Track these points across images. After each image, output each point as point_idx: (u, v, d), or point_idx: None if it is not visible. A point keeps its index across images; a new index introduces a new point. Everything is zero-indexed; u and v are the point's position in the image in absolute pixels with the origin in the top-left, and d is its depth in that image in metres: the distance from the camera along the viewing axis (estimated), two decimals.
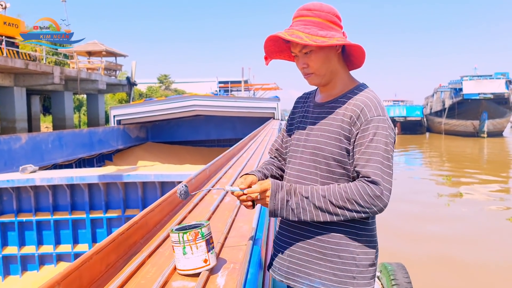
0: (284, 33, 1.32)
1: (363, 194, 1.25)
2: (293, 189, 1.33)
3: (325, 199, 1.28)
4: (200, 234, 1.23)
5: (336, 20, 1.38)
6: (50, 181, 5.73)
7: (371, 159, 1.28)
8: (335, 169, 1.35)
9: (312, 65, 1.38)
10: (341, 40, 1.31)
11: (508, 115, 36.35)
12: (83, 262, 1.15)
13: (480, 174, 15.21)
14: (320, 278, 1.36)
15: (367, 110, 1.32)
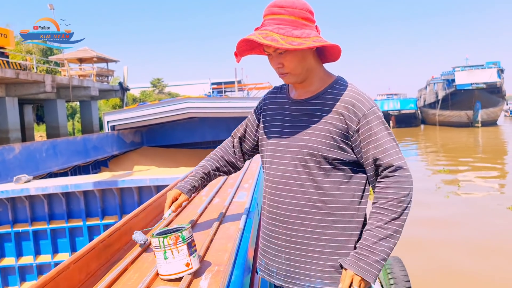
0: (259, 36, 1.26)
1: (402, 186, 1.29)
2: (366, 251, 1.28)
3: (388, 223, 1.28)
4: (180, 237, 1.20)
5: (309, 16, 1.33)
6: (45, 190, 5.70)
7: (386, 148, 1.31)
8: (325, 166, 1.33)
9: (288, 65, 1.34)
10: (317, 41, 1.28)
11: (501, 104, 36.56)
12: (59, 272, 1.12)
13: (477, 163, 15.28)
14: (320, 278, 1.34)
15: (361, 105, 1.32)
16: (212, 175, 1.70)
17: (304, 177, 1.35)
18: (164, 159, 12.01)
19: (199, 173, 1.67)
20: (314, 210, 1.34)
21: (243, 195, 2.33)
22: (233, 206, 2.10)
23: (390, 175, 1.29)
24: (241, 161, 1.72)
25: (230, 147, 1.70)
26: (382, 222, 1.27)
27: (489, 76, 34.44)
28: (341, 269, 1.33)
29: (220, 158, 1.70)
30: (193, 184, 1.64)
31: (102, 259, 1.40)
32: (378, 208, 1.29)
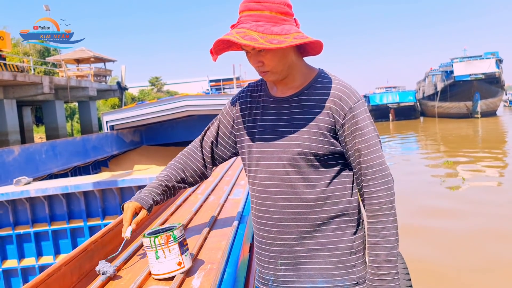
0: (237, 36, 1.18)
1: (389, 186, 1.30)
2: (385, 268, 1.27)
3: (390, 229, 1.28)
4: (172, 237, 1.21)
5: (288, 9, 1.25)
6: (45, 191, 5.71)
7: (370, 144, 1.29)
8: (316, 163, 1.30)
9: (268, 63, 1.27)
10: (299, 37, 1.21)
11: (500, 94, 36.47)
12: (49, 274, 1.12)
13: (479, 153, 15.28)
14: (322, 276, 1.31)
15: (347, 97, 1.28)
16: (176, 187, 1.56)
17: (294, 177, 1.30)
18: (163, 158, 12.01)
19: (161, 186, 1.52)
20: (308, 210, 1.30)
21: (239, 193, 2.34)
22: (228, 204, 2.11)
23: (377, 175, 1.28)
24: (210, 168, 1.59)
25: (198, 152, 1.57)
26: (385, 231, 1.27)
27: (487, 67, 34.34)
28: (341, 265, 1.31)
29: (185, 168, 1.56)
30: (155, 198, 1.50)
31: (94, 260, 1.40)
32: (376, 216, 1.28)
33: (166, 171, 1.57)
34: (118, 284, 1.26)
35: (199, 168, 1.56)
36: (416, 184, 10.14)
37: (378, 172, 1.27)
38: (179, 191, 1.60)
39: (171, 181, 1.54)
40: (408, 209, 7.80)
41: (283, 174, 1.31)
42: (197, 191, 2.46)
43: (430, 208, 7.80)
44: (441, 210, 7.72)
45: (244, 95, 1.47)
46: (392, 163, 14.82)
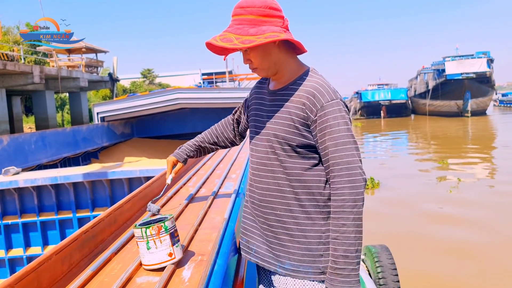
0: (217, 39, 1.35)
1: (355, 185, 1.32)
2: (341, 263, 1.31)
3: (350, 226, 1.31)
4: (163, 228, 1.22)
5: (271, 12, 1.37)
6: (34, 182, 5.67)
7: (338, 142, 1.33)
8: (291, 153, 1.40)
9: (254, 61, 1.42)
10: (269, 37, 1.32)
11: (490, 94, 36.80)
12: (40, 263, 1.11)
13: (469, 153, 15.44)
14: (289, 260, 1.41)
15: (320, 95, 1.36)
16: (208, 148, 1.90)
17: (274, 163, 1.43)
18: (154, 150, 11.98)
19: (195, 144, 1.86)
20: (282, 194, 1.42)
21: (230, 186, 2.34)
22: (219, 197, 2.11)
23: (342, 173, 1.32)
24: (239, 138, 1.88)
25: (230, 124, 1.84)
26: (345, 227, 1.30)
27: (478, 66, 34.61)
28: (308, 252, 1.38)
29: (219, 134, 1.86)
30: (189, 154, 1.86)
31: (85, 250, 1.40)
32: (338, 212, 1.32)
33: (203, 134, 1.89)
34: (108, 274, 1.25)
35: (230, 137, 1.86)
36: (413, 186, 10.15)
37: (344, 170, 1.32)
38: (211, 151, 1.96)
39: (204, 142, 1.87)
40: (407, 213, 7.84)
41: (266, 159, 1.46)
42: (188, 183, 2.45)
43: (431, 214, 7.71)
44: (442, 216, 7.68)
45: (256, 86, 1.65)
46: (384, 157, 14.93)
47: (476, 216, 7.37)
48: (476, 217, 7.28)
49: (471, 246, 6.02)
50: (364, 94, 42.32)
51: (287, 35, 1.36)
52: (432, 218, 7.38)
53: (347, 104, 1.43)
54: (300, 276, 1.40)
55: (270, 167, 1.44)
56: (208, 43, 1.38)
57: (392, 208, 8.12)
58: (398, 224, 7.18)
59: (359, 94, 43.42)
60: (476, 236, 6.40)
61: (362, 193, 1.33)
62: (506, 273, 5.16)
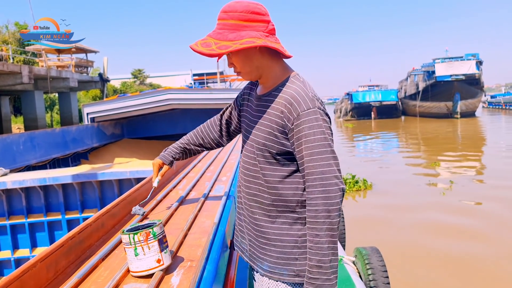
0: (198, 44, 1.37)
1: (329, 195, 1.31)
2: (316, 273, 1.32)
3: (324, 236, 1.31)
4: (151, 234, 1.20)
5: (252, 16, 1.37)
6: (22, 183, 5.60)
7: (314, 152, 1.33)
8: (271, 160, 1.42)
9: (236, 65, 1.44)
10: (245, 42, 1.32)
11: (479, 95, 37.17)
12: (25, 270, 1.08)
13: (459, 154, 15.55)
14: (267, 261, 1.44)
15: (297, 104, 1.35)
16: (194, 150, 1.87)
17: (257, 169, 1.45)
18: (145, 151, 11.90)
19: (180, 147, 1.86)
20: (262, 200, 1.44)
21: (221, 189, 2.32)
22: (209, 200, 2.09)
23: (316, 183, 1.32)
24: (226, 138, 1.84)
25: (217, 125, 1.81)
26: (319, 238, 1.31)
27: (468, 68, 34.98)
28: (283, 255, 1.41)
29: (204, 135, 1.83)
30: (174, 156, 1.86)
31: (71, 256, 1.37)
32: (311, 222, 1.33)
33: (188, 135, 1.87)
34: (95, 281, 1.22)
35: (216, 137, 1.83)
36: (406, 188, 10.15)
37: (318, 180, 1.32)
38: (198, 153, 1.92)
39: (190, 144, 1.85)
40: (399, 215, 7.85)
41: (251, 164, 1.48)
42: (178, 186, 2.43)
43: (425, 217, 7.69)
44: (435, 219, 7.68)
45: (247, 87, 1.65)
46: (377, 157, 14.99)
47: (470, 220, 7.40)
48: (470, 222, 7.31)
49: (463, 250, 6.05)
50: (355, 95, 42.52)
51: (266, 40, 1.35)
52: (425, 221, 7.42)
53: (327, 112, 1.41)
54: (275, 277, 1.43)
55: (253, 173, 1.47)
56: (191, 47, 1.39)
57: (384, 210, 8.15)
58: (390, 226, 7.21)
59: (350, 95, 43.63)
60: (468, 241, 6.44)
61: (337, 203, 1.31)
62: (496, 280, 5.21)
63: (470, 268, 5.42)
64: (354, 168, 11.99)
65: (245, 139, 1.53)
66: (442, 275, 5.21)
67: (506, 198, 8.64)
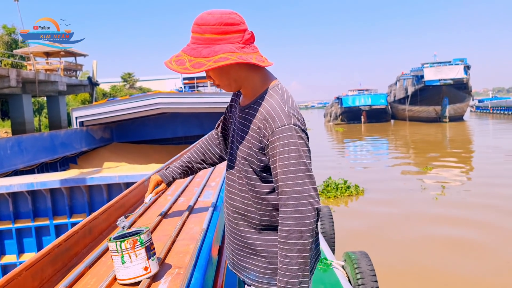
0: (172, 61, 1.33)
1: (301, 215, 1.27)
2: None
3: (294, 258, 1.27)
4: (138, 241, 1.19)
5: (226, 28, 1.31)
6: (9, 188, 5.54)
7: (287, 170, 1.28)
8: (253, 175, 1.39)
9: (214, 79, 1.40)
10: (217, 61, 1.28)
11: (467, 100, 37.62)
12: (9, 279, 1.06)
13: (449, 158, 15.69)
14: (253, 271, 1.44)
15: (271, 120, 1.31)
16: (196, 168, 1.81)
17: (241, 182, 1.43)
18: (134, 156, 11.83)
19: (182, 166, 1.80)
20: (246, 214, 1.43)
21: (209, 194, 2.31)
22: (198, 206, 2.08)
23: (289, 203, 1.28)
24: (226, 151, 1.77)
25: (215, 139, 1.76)
26: (288, 259, 1.28)
27: (456, 73, 35.40)
28: (269, 266, 1.40)
29: (205, 151, 1.78)
30: (175, 176, 1.80)
31: (58, 265, 1.35)
32: (282, 242, 1.29)
33: (189, 154, 1.82)
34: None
35: (217, 152, 1.77)
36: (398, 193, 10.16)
37: (291, 199, 1.28)
38: (199, 170, 1.86)
39: (191, 162, 1.80)
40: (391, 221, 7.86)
41: (236, 177, 1.46)
42: (166, 192, 2.41)
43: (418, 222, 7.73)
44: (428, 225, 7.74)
45: (233, 98, 1.61)
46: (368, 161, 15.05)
47: (462, 226, 7.44)
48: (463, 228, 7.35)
49: (453, 255, 6.10)
50: (344, 100, 42.74)
51: (241, 54, 1.30)
52: (416, 227, 7.46)
53: (305, 128, 1.37)
54: (262, 287, 1.43)
55: (238, 186, 1.45)
56: (165, 64, 1.35)
57: (376, 215, 8.17)
58: (380, 231, 7.24)
59: (340, 99, 43.83)
60: (460, 245, 6.49)
61: (311, 223, 1.27)
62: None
63: (461, 272, 5.46)
64: (346, 173, 12.04)
65: (231, 151, 1.51)
66: (432, 279, 5.25)
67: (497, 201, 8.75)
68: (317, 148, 18.76)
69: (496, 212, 7.96)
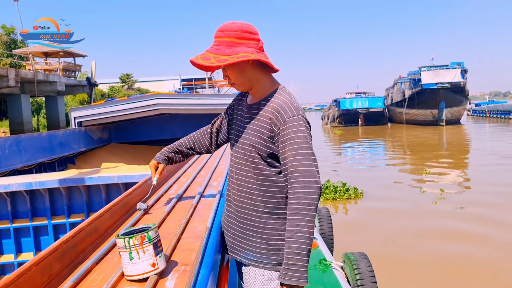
0: (198, 57, 1.57)
1: (310, 191, 1.49)
2: (294, 259, 1.45)
3: (304, 227, 1.46)
4: (146, 238, 1.21)
5: (246, 35, 1.59)
6: (7, 187, 5.52)
7: (297, 153, 1.51)
8: (260, 161, 1.61)
9: (231, 77, 1.64)
10: (242, 56, 1.53)
11: (464, 103, 37.75)
12: (20, 274, 1.08)
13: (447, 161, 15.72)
14: (252, 252, 1.63)
15: (283, 112, 1.55)
16: (185, 152, 2.05)
17: (247, 169, 1.64)
18: (133, 156, 11.82)
19: (172, 147, 2.04)
20: (251, 196, 1.63)
21: (212, 194, 2.33)
22: (201, 205, 2.10)
23: (299, 180, 1.50)
24: (215, 146, 2.04)
25: (208, 133, 2.01)
26: (299, 227, 1.46)
27: (453, 76, 35.54)
28: (268, 246, 1.60)
29: (196, 141, 2.03)
30: (167, 155, 2.03)
31: (65, 260, 1.36)
32: (293, 213, 1.48)
33: (181, 140, 2.07)
34: (90, 285, 1.22)
35: (206, 144, 2.02)
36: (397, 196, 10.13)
37: (300, 177, 1.50)
38: (188, 156, 2.11)
39: (182, 146, 2.04)
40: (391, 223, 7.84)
41: (241, 165, 1.67)
42: (169, 191, 2.43)
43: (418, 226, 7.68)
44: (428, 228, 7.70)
45: (237, 98, 1.86)
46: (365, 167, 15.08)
47: (463, 228, 7.45)
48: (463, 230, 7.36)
49: (454, 257, 6.11)
50: (342, 102, 42.84)
51: (258, 55, 1.56)
52: (416, 229, 7.47)
53: (309, 120, 1.60)
54: (260, 266, 1.61)
55: (244, 172, 1.65)
56: (191, 60, 1.59)
57: (375, 218, 8.18)
58: (379, 233, 7.24)
59: (338, 102, 43.92)
60: (461, 246, 6.50)
61: (316, 198, 1.50)
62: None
63: (461, 274, 5.48)
64: (344, 175, 12.03)
65: (235, 142, 1.71)
66: (432, 281, 5.26)
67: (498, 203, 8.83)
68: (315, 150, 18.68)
69: (498, 215, 7.98)
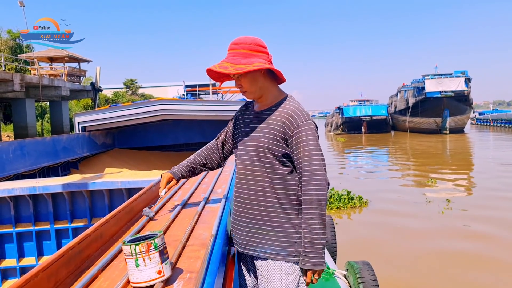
0: (216, 66, 1.74)
1: (320, 187, 1.70)
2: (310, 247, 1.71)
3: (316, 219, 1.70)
4: (153, 245, 1.21)
5: (259, 48, 1.79)
6: (11, 192, 5.52)
7: (309, 154, 1.71)
8: (273, 160, 1.76)
9: (244, 86, 1.82)
10: (256, 66, 1.71)
11: (468, 112, 37.68)
12: (27, 280, 1.08)
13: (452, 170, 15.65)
14: (270, 246, 1.77)
15: (296, 116, 1.75)
16: (198, 170, 2.15)
17: (259, 169, 1.79)
18: (136, 162, 11.83)
19: (188, 166, 2.12)
20: (265, 194, 1.77)
21: (217, 200, 2.32)
22: (206, 212, 2.09)
23: (311, 178, 1.70)
24: (224, 159, 2.18)
25: (216, 148, 2.13)
26: (312, 220, 1.69)
27: (457, 85, 35.50)
28: (285, 239, 1.75)
29: (207, 157, 2.13)
30: (183, 174, 2.12)
31: (71, 267, 1.36)
32: (307, 208, 1.70)
33: (194, 157, 2.16)
34: None
35: (216, 159, 2.14)
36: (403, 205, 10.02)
37: (312, 176, 1.71)
38: (200, 172, 2.19)
39: (196, 164, 2.13)
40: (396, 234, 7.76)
41: (251, 166, 1.81)
42: (174, 198, 2.43)
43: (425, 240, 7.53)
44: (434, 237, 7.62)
45: (241, 109, 2.02)
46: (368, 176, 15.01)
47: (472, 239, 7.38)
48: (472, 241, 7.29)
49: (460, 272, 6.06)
50: (345, 110, 42.85)
51: (271, 65, 1.75)
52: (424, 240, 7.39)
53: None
54: (278, 258, 1.76)
55: (255, 172, 1.79)
56: (209, 69, 1.76)
57: (380, 227, 8.10)
58: (384, 243, 7.18)
59: (341, 109, 43.94)
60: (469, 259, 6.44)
61: (326, 194, 1.71)
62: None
63: (466, 283, 5.43)
64: (348, 183, 11.95)
65: (243, 146, 1.85)
66: None
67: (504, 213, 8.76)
68: None
69: (505, 225, 7.91)
